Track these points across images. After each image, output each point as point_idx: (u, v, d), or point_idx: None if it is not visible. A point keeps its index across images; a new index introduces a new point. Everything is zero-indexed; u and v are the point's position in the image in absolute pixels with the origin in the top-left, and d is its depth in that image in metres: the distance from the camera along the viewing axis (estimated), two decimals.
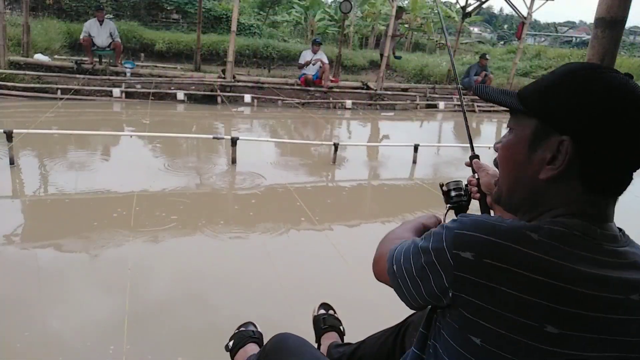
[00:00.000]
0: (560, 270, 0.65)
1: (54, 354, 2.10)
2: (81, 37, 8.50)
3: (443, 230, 0.73)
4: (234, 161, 4.94)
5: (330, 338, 1.59)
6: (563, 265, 0.66)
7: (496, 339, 0.66)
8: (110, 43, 8.74)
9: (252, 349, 1.49)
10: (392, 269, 0.82)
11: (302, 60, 9.41)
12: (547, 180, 0.73)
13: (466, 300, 0.68)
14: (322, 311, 1.73)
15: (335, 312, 1.76)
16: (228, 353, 1.55)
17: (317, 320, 1.69)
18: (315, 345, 1.62)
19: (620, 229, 0.77)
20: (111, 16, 8.94)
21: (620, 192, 0.75)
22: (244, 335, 1.55)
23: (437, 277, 0.72)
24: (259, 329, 1.63)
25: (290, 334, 1.28)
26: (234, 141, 4.84)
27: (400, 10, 11.07)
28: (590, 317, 0.65)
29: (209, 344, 2.19)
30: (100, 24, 8.53)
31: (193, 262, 2.97)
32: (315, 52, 9.24)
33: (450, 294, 0.70)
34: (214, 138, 4.90)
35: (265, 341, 1.55)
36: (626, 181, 0.73)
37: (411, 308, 0.84)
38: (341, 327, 1.68)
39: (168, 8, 15.74)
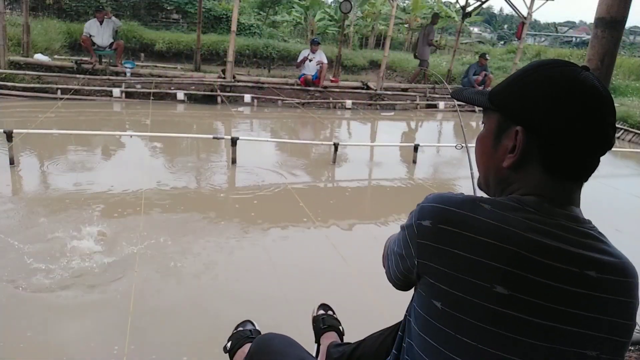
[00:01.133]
0: (511, 235, 0.69)
1: (57, 354, 2.10)
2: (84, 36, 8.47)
3: (414, 210, 0.81)
4: (234, 161, 4.95)
5: (329, 338, 1.60)
6: (514, 231, 0.70)
7: (453, 301, 0.71)
8: (112, 43, 8.74)
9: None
10: (384, 255, 0.92)
11: (300, 58, 9.41)
12: (509, 167, 0.79)
13: (428, 266, 0.74)
14: (322, 312, 1.74)
15: (334, 313, 1.76)
16: (227, 354, 1.55)
17: (316, 320, 1.69)
18: (315, 346, 1.62)
19: (588, 220, 0.79)
20: (111, 17, 8.90)
21: (584, 177, 0.77)
22: (241, 335, 1.55)
23: (407, 249, 0.79)
24: (257, 327, 1.63)
25: (275, 334, 1.29)
26: (234, 141, 4.84)
27: (436, 16, 11.11)
28: (540, 283, 0.68)
29: (211, 344, 2.20)
30: (100, 24, 8.52)
31: (194, 262, 2.97)
32: (314, 52, 9.24)
33: (416, 262, 0.76)
34: (214, 138, 4.90)
35: None
36: (589, 166, 0.76)
37: (395, 287, 0.92)
38: (340, 327, 1.68)
39: (168, 8, 15.73)
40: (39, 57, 8.48)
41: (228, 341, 1.55)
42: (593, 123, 0.72)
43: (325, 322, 1.66)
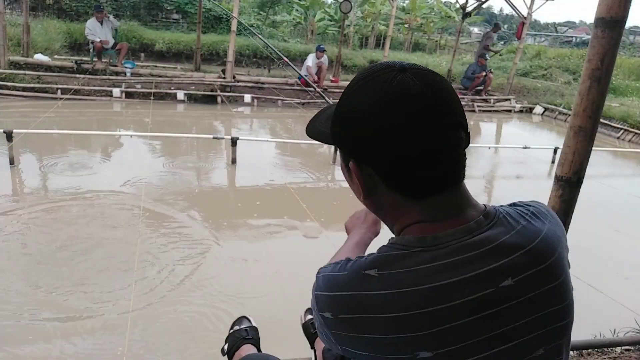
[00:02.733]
0: (410, 298, 0.63)
1: (59, 355, 2.10)
2: (90, 39, 8.46)
3: (312, 292, 0.73)
4: (234, 161, 4.95)
5: None
6: (411, 291, 0.63)
7: None
8: (115, 44, 8.76)
9: (246, 350, 1.48)
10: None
11: (309, 62, 9.35)
12: (366, 200, 0.72)
13: (351, 352, 0.69)
14: (309, 316, 1.72)
15: None
16: (225, 356, 1.55)
17: (306, 327, 1.67)
18: (312, 351, 1.61)
19: (485, 207, 0.71)
20: (109, 17, 8.91)
21: (450, 183, 0.68)
22: (238, 337, 1.55)
23: (325, 334, 0.72)
24: (253, 323, 1.63)
25: (254, 354, 1.31)
26: (234, 141, 4.84)
27: (497, 25, 11.22)
28: (461, 325, 0.62)
29: (212, 343, 2.20)
30: (101, 25, 8.52)
31: (195, 262, 2.97)
32: (319, 58, 9.26)
33: (340, 348, 0.71)
34: (214, 138, 4.90)
35: (260, 335, 1.58)
36: (446, 171, 0.66)
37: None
38: None
39: (168, 8, 15.74)
40: (39, 57, 8.47)
41: (225, 343, 1.55)
42: (415, 132, 0.62)
43: (314, 326, 1.65)
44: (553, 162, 6.17)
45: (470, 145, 0.71)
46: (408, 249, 0.66)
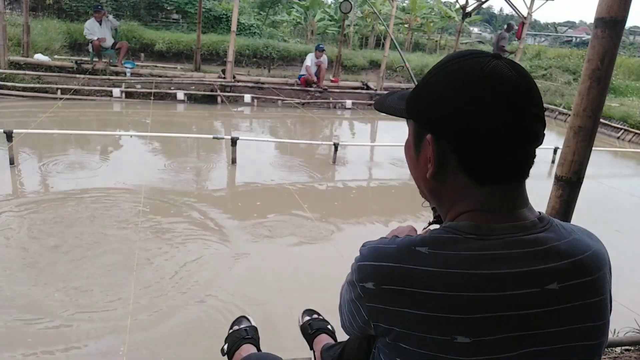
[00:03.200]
0: (457, 279, 0.64)
1: (58, 356, 2.10)
2: (89, 39, 8.46)
3: (354, 265, 0.74)
4: (234, 161, 4.95)
5: (321, 341, 1.58)
6: (459, 273, 0.64)
7: (416, 358, 0.66)
8: (115, 43, 8.77)
9: (246, 350, 1.49)
10: (340, 303, 0.86)
11: (308, 62, 9.37)
12: (432, 178, 0.72)
13: (384, 328, 0.69)
14: (307, 317, 1.72)
15: (319, 315, 1.74)
16: (225, 356, 1.55)
17: (304, 328, 1.68)
18: (311, 353, 1.61)
19: (540, 213, 0.73)
20: (108, 17, 8.93)
21: (518, 177, 0.69)
22: (237, 337, 1.55)
23: (358, 311, 0.73)
24: (253, 323, 1.63)
25: (254, 353, 1.32)
26: (234, 141, 4.84)
27: (510, 25, 11.28)
28: (501, 317, 0.63)
29: (212, 344, 2.20)
30: (100, 24, 8.52)
31: (195, 262, 2.97)
32: (318, 57, 9.27)
33: (372, 325, 0.71)
34: (214, 138, 4.90)
35: (260, 335, 1.58)
36: (518, 164, 0.68)
37: (351, 335, 0.86)
38: (329, 326, 1.67)
39: (168, 8, 15.75)
40: (39, 57, 8.48)
41: (225, 343, 1.55)
42: (504, 117, 0.64)
43: (312, 327, 1.65)
44: (553, 162, 6.17)
45: None
46: (461, 234, 0.67)
